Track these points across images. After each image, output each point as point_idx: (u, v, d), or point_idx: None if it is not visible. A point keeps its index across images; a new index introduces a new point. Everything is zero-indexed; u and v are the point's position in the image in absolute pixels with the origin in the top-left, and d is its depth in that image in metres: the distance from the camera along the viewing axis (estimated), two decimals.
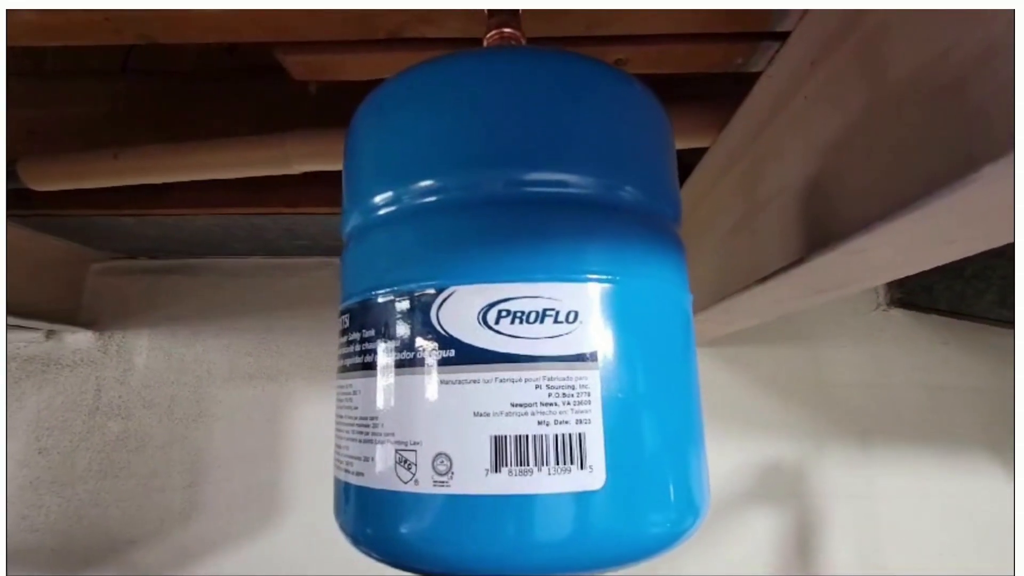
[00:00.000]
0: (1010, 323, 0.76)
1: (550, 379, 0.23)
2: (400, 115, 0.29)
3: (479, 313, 0.24)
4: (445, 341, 0.24)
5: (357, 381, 0.27)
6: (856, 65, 0.40)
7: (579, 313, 0.24)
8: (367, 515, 0.26)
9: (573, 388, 0.23)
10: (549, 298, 0.24)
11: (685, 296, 0.30)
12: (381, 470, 0.24)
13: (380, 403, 0.25)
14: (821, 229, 0.43)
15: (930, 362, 0.86)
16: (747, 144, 0.55)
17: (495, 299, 0.24)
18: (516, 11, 0.39)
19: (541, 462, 0.23)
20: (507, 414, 0.23)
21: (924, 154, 0.32)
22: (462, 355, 0.24)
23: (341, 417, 0.28)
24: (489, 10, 0.39)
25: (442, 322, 0.24)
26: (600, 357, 0.24)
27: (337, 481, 0.29)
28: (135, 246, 0.96)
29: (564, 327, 0.24)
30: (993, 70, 0.29)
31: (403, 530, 0.24)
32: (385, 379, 0.25)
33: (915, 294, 0.86)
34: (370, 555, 0.26)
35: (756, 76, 0.49)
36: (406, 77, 0.30)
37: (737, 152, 0.57)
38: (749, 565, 0.82)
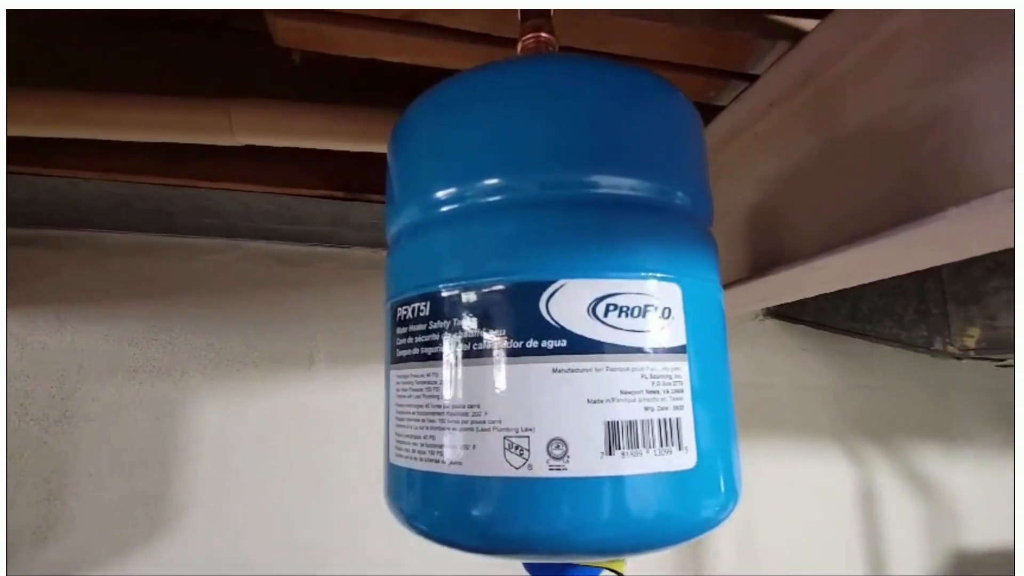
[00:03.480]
0: (856, 333, 0.93)
1: (653, 369, 0.25)
2: (486, 112, 0.29)
3: (589, 306, 0.25)
4: (555, 332, 0.25)
5: (442, 370, 0.26)
6: (810, 112, 0.48)
7: (671, 309, 0.27)
8: (458, 502, 0.25)
9: (670, 377, 0.26)
10: (649, 294, 0.26)
11: (722, 295, 0.33)
12: (485, 457, 0.24)
13: (480, 392, 0.25)
14: (773, 249, 0.50)
15: (794, 365, 1.02)
16: None
17: (604, 293, 0.25)
18: (549, 14, 0.40)
19: (649, 444, 0.25)
20: (618, 401, 0.25)
21: (880, 196, 0.39)
22: (574, 345, 0.25)
23: (421, 407, 0.27)
24: (522, 12, 0.40)
25: (552, 313, 0.25)
26: (688, 350, 0.27)
27: (397, 468, 0.28)
28: None
29: (663, 322, 0.26)
30: (937, 132, 0.37)
31: (509, 513, 0.24)
32: (484, 368, 0.25)
33: (787, 306, 1.01)
34: (448, 542, 0.26)
35: (720, 109, 0.56)
36: (478, 78, 0.30)
37: None
38: None
